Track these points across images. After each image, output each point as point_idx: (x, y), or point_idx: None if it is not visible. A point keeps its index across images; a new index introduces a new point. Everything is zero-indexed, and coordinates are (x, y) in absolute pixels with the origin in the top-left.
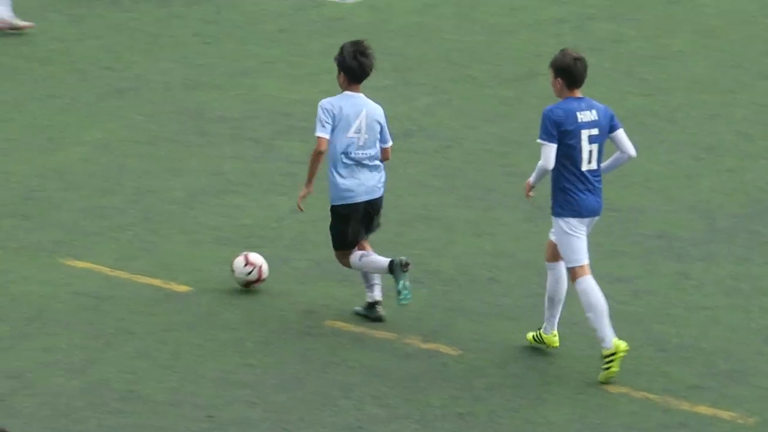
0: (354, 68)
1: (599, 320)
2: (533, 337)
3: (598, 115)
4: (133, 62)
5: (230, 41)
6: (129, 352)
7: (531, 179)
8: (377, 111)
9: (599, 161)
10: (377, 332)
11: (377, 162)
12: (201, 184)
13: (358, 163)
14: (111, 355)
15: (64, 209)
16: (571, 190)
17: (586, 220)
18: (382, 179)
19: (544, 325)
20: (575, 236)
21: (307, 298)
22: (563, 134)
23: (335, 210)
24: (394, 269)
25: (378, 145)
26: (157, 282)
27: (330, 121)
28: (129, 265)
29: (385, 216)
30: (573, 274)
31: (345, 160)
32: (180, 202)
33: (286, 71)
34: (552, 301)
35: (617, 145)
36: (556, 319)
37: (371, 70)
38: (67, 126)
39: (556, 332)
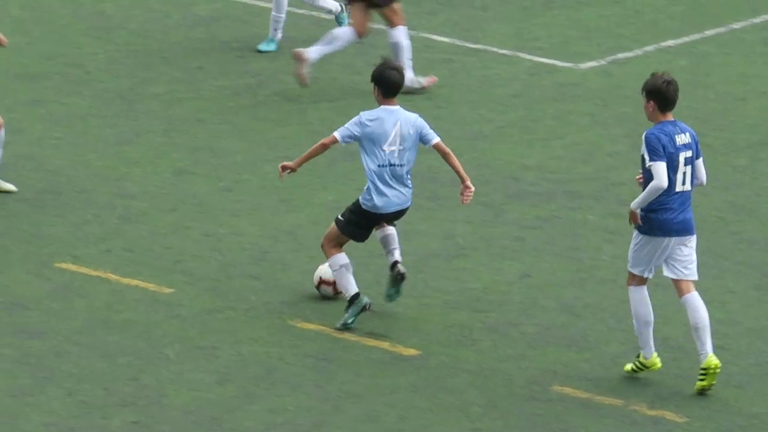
0: (388, 82)
1: (641, 329)
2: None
3: (691, 138)
4: None
5: (464, 105)
6: (356, 415)
7: (637, 203)
8: (410, 119)
9: (692, 182)
10: (604, 398)
11: (408, 177)
12: (432, 248)
13: (393, 176)
14: (338, 417)
15: (294, 271)
16: (662, 211)
17: (671, 239)
18: (410, 195)
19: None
20: (647, 254)
21: (535, 362)
22: (666, 156)
23: (361, 209)
24: (353, 304)
25: (413, 156)
26: (385, 345)
27: (356, 133)
28: (357, 328)
29: (615, 281)
30: (629, 278)
31: (382, 174)
32: (410, 266)
33: (518, 136)
34: (696, 330)
35: (695, 171)
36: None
37: (403, 83)
38: (299, 188)
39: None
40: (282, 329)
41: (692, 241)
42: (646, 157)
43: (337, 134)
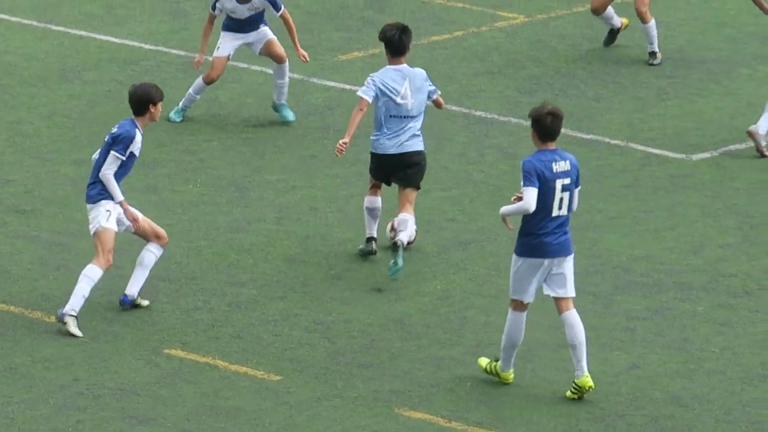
0: (395, 42)
1: (507, 349)
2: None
3: (570, 165)
4: (478, 214)
5: None
6: None
7: (504, 211)
8: (419, 76)
9: (569, 208)
10: None
11: (418, 129)
12: (541, 338)
13: (401, 126)
14: None
15: (402, 359)
16: (538, 234)
17: (549, 260)
18: (417, 140)
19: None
20: (526, 277)
21: None
22: (541, 182)
23: (371, 154)
24: (393, 247)
25: (423, 108)
26: None
27: (373, 89)
28: (465, 417)
29: (724, 373)
30: (511, 303)
31: (390, 124)
32: (519, 355)
33: (629, 227)
34: (573, 348)
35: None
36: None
37: (409, 44)
38: (409, 276)
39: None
40: (389, 418)
41: (569, 260)
42: (521, 182)
43: (363, 95)
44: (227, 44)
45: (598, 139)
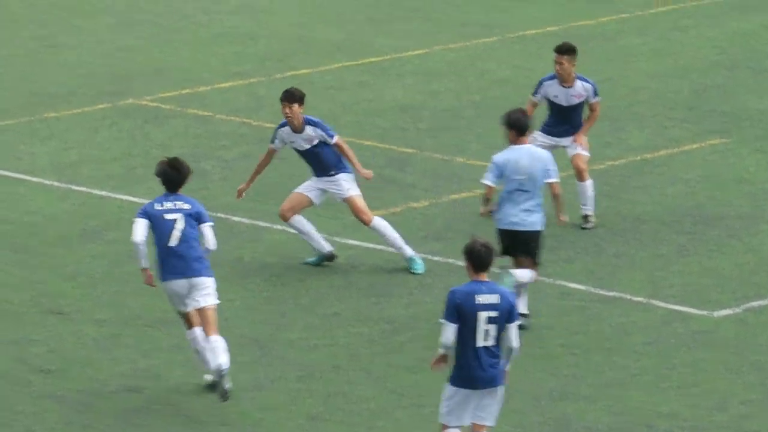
0: (520, 123)
1: None
2: None
3: (500, 300)
4: None
5: (598, 352)
6: None
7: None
8: (537, 155)
9: (497, 339)
10: None
11: (534, 201)
12: None
13: (518, 200)
14: None
15: None
16: (465, 363)
17: (478, 392)
18: (534, 218)
19: None
20: (455, 404)
21: None
22: (462, 314)
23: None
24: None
25: (539, 186)
26: None
27: (496, 172)
28: None
29: None
30: (441, 428)
31: (509, 197)
32: None
33: (652, 383)
34: None
35: (506, 337)
36: None
37: (528, 126)
38: None
39: None
40: None
41: (499, 390)
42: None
43: (486, 181)
44: (306, 188)
45: (620, 296)
